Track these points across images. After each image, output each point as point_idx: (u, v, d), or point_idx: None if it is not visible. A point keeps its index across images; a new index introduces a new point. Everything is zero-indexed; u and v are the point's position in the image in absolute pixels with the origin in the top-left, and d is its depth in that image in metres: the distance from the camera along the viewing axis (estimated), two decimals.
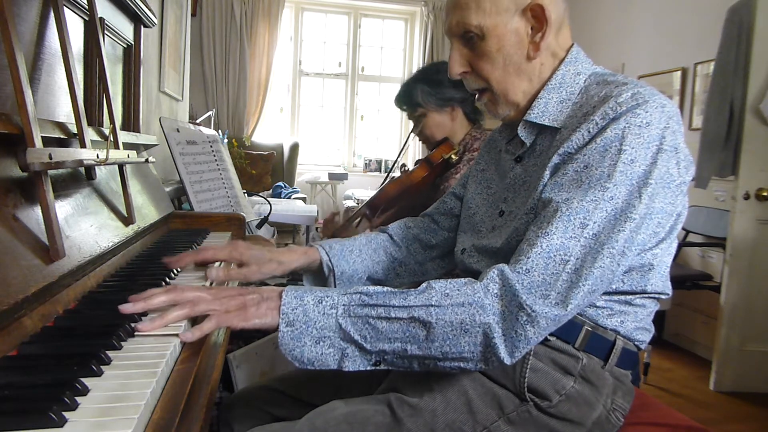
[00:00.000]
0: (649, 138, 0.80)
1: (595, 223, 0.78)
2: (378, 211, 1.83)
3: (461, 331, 0.75)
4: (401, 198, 1.81)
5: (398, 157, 2.21)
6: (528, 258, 0.77)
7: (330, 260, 1.11)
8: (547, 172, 0.86)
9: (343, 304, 0.78)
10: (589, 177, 0.80)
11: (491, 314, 0.75)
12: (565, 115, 0.91)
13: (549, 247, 0.77)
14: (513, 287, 0.76)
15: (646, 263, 0.87)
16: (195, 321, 0.78)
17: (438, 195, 1.79)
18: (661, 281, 0.89)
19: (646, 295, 0.90)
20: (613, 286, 0.86)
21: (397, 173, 2.00)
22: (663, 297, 0.92)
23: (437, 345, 0.76)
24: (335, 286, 1.10)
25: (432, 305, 0.76)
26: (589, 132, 0.83)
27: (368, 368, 0.80)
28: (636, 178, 0.79)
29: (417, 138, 1.85)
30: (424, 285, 0.80)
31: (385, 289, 0.80)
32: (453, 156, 1.70)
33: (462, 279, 0.80)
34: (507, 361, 0.76)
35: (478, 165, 1.14)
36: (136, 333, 0.71)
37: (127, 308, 0.74)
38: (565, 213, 0.79)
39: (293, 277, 1.54)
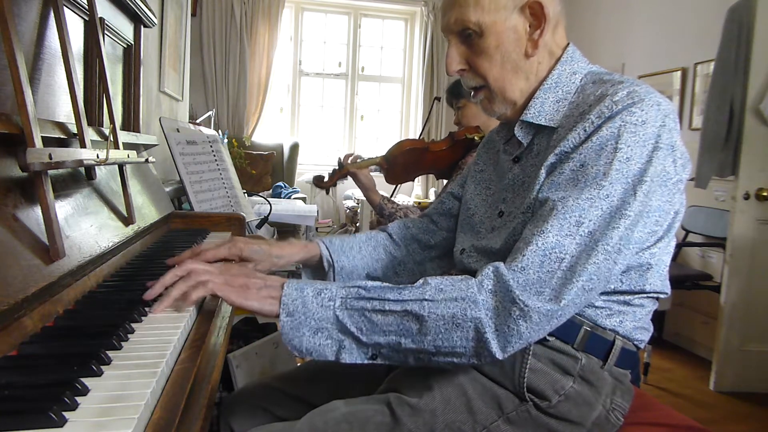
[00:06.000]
0: (645, 136, 0.80)
1: (590, 221, 0.78)
2: (393, 162, 1.97)
3: (453, 325, 0.76)
4: (414, 158, 1.96)
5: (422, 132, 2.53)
6: (523, 256, 0.78)
7: (330, 255, 1.11)
8: (543, 172, 0.86)
9: (341, 297, 0.80)
10: (585, 175, 0.80)
11: (483, 309, 0.76)
12: (561, 115, 0.91)
13: (544, 245, 0.78)
14: (507, 284, 0.76)
15: (644, 263, 0.87)
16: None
17: (455, 172, 1.93)
18: (659, 281, 0.89)
19: (645, 295, 0.90)
20: (612, 286, 0.86)
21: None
22: (662, 296, 0.92)
23: (430, 339, 0.77)
24: (335, 281, 1.10)
25: (425, 299, 0.78)
26: (585, 131, 0.83)
27: (365, 362, 0.81)
28: (631, 175, 0.79)
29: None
30: (420, 280, 0.81)
31: (383, 283, 0.82)
32: (476, 137, 1.84)
33: (459, 276, 0.81)
34: (499, 355, 0.77)
35: (477, 165, 1.13)
36: (150, 314, 0.78)
37: (149, 295, 0.82)
38: (561, 211, 0.79)
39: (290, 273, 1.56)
